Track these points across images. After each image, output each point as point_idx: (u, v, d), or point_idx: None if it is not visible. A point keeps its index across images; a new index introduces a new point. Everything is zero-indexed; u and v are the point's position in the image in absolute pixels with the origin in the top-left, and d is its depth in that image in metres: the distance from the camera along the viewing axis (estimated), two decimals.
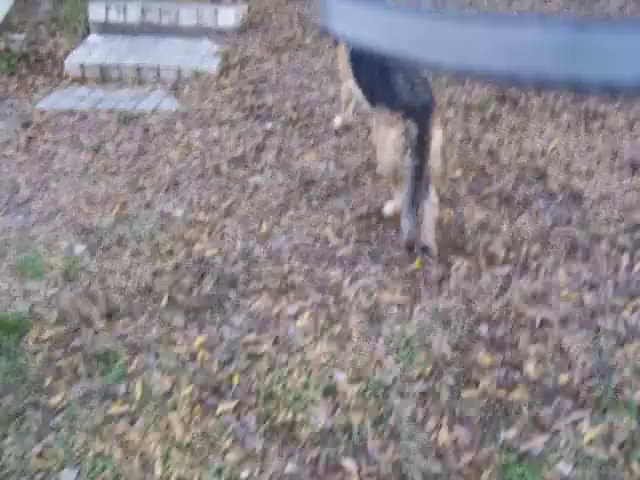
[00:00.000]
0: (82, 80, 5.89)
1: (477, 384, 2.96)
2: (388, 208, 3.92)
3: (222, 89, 5.54)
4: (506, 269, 3.55)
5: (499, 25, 0.74)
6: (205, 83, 5.64)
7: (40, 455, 2.82)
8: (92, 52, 6.08)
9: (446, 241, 3.72)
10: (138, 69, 5.78)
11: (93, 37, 6.37)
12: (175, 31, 6.12)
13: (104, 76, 5.86)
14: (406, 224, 3.52)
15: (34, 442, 2.87)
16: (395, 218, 3.77)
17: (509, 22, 0.74)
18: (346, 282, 3.49)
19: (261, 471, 2.69)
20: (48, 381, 3.13)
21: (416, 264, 3.59)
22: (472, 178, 4.20)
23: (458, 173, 4.22)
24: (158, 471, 2.70)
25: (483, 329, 3.22)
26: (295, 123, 4.91)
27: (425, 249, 3.64)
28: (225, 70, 5.80)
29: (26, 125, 5.30)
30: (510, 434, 2.74)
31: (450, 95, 5.14)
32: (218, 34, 6.20)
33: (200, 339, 3.25)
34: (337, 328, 3.24)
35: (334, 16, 0.94)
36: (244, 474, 2.68)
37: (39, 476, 2.74)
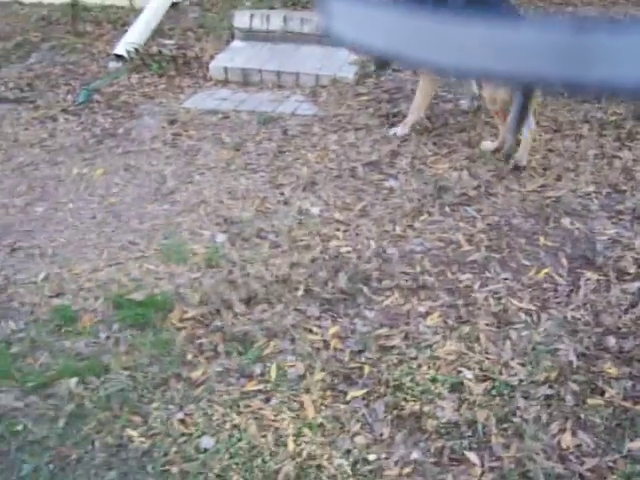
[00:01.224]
0: (225, 83, 6.19)
1: (603, 393, 3.00)
2: (487, 145, 4.74)
3: (358, 96, 5.72)
4: (636, 285, 3.56)
5: (499, 26, 0.79)
6: (342, 90, 5.84)
7: (182, 421, 3.04)
8: (235, 57, 6.39)
9: (576, 253, 3.77)
10: (278, 74, 6.04)
11: (237, 43, 6.69)
12: (315, 39, 6.34)
13: (246, 79, 6.15)
14: (509, 139, 4.49)
15: (177, 410, 3.10)
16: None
17: (509, 23, 0.79)
18: (476, 286, 3.59)
19: (387, 456, 2.82)
20: (190, 356, 3.36)
21: (542, 273, 3.65)
22: (605, 194, 4.22)
23: (591, 188, 4.24)
24: (290, 447, 2.86)
25: (611, 341, 3.25)
26: (429, 132, 5.03)
27: (517, 167, 4.51)
28: (361, 78, 5.98)
29: (172, 122, 5.62)
30: (636, 445, 2.78)
31: (585, 111, 5.16)
32: None
33: (333, 329, 3.41)
34: (466, 329, 3.34)
35: (335, 18, 0.99)
36: (371, 457, 2.81)
37: (181, 439, 2.95)
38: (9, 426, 3.12)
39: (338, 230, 4.08)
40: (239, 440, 2.92)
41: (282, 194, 4.49)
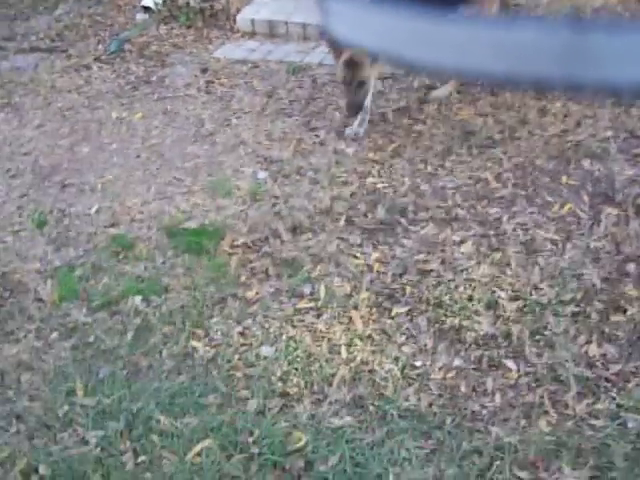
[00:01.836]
0: (252, 34, 6.41)
1: (625, 311, 3.29)
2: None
3: None
4: None
5: (498, 27, 0.81)
6: None
7: (241, 334, 3.34)
8: (261, 9, 6.59)
9: (597, 190, 4.05)
10: (304, 26, 6.25)
11: None
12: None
13: (272, 31, 6.36)
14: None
15: (235, 324, 3.40)
16: None
17: (508, 25, 0.84)
18: (505, 218, 3.87)
19: (432, 363, 3.12)
20: (243, 278, 3.65)
21: (566, 208, 3.93)
22: (623, 138, 4.48)
23: (609, 133, 4.51)
24: (344, 354, 3.17)
25: (631, 267, 3.54)
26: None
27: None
28: None
29: (204, 71, 5.86)
30: None
31: None
32: None
33: (375, 255, 3.70)
34: (497, 255, 3.63)
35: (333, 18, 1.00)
36: (417, 363, 3.12)
37: (242, 349, 3.26)
38: (82, 337, 3.41)
39: (373, 168, 4.35)
40: (296, 349, 3.22)
41: (317, 136, 4.75)
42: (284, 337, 3.28)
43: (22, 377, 3.22)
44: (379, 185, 4.19)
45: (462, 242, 3.74)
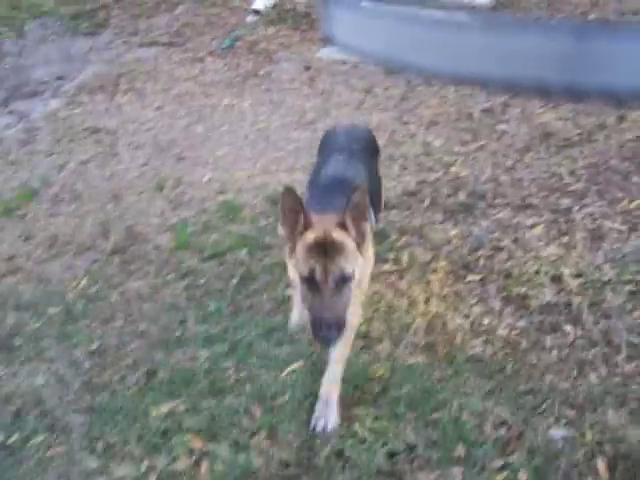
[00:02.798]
0: None
1: None
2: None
3: None
4: None
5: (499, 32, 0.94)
6: None
7: None
8: None
9: None
10: None
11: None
12: (434, 4, 6.98)
13: None
14: None
15: None
16: None
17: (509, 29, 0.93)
18: (575, 209, 4.25)
19: (498, 322, 3.53)
20: None
21: (634, 204, 4.28)
22: None
23: None
24: (421, 308, 3.61)
25: None
26: None
27: None
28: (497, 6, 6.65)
29: (307, 68, 6.41)
30: None
31: None
32: (472, 10, 7.04)
33: (454, 231, 4.14)
34: (565, 239, 4.02)
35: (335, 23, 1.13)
36: (485, 321, 3.53)
37: None
38: (193, 280, 3.95)
39: (457, 159, 4.79)
40: (379, 301, 3.67)
41: (408, 129, 5.22)
42: (369, 292, 3.73)
43: (143, 306, 3.76)
44: (462, 174, 4.63)
45: (534, 226, 4.14)
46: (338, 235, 2.59)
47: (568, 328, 3.47)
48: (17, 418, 3.09)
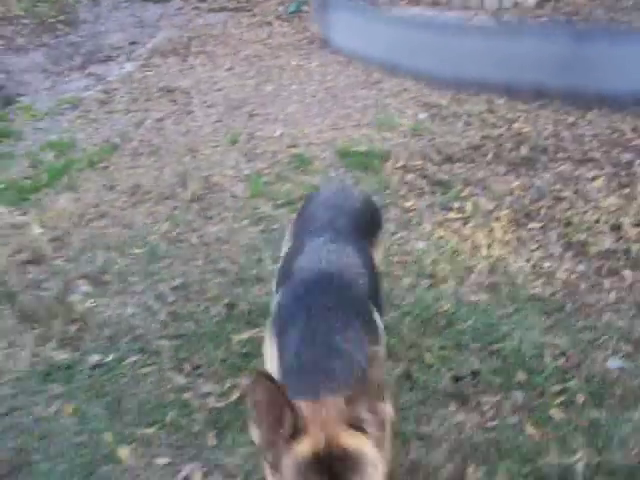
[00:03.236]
0: (417, 2, 7.09)
1: None
2: None
3: (538, 18, 6.50)
4: None
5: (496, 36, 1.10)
6: (523, 12, 6.63)
7: (397, 232, 4.01)
8: None
9: None
10: None
11: None
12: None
13: (434, 0, 7.02)
14: None
15: (394, 226, 4.07)
16: None
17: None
18: (637, 162, 4.39)
19: (558, 266, 3.71)
20: (403, 192, 4.34)
21: None
22: None
23: None
24: (484, 252, 3.79)
25: None
26: None
27: None
28: (541, 2, 6.73)
29: None
30: None
31: None
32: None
33: (516, 183, 4.32)
34: (625, 191, 4.16)
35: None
36: (546, 264, 3.71)
37: (400, 241, 3.93)
38: (268, 225, 4.19)
39: (520, 117, 4.94)
40: (443, 246, 3.87)
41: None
42: (435, 236, 3.94)
43: (222, 247, 4.02)
44: (525, 130, 4.79)
45: (595, 178, 4.29)
46: (349, 441, 1.54)
47: (627, 272, 3.62)
48: (111, 342, 3.37)
